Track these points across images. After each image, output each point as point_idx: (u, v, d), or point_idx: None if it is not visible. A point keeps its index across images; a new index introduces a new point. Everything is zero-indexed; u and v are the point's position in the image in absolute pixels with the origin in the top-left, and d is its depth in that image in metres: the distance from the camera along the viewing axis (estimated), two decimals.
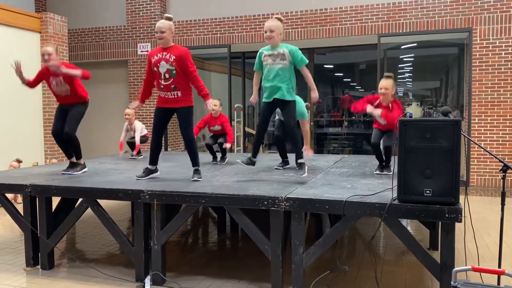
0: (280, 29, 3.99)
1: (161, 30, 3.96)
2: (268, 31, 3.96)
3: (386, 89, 4.24)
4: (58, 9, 11.24)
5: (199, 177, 4.07)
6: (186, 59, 3.97)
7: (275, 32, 3.95)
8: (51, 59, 4.38)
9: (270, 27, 3.95)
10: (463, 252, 4.19)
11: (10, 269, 4.14)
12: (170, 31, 4.00)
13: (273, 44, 4.02)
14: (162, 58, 3.96)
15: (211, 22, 10.09)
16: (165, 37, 3.96)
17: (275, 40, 3.99)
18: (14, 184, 4.08)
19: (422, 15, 8.61)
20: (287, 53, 3.98)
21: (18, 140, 8.10)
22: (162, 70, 3.96)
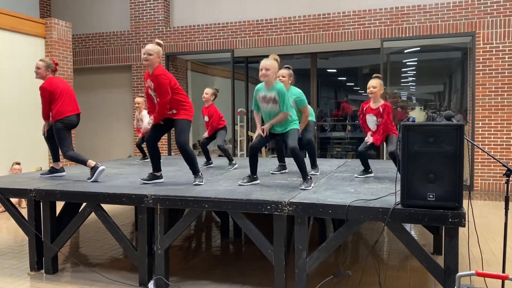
0: (276, 68, 4.00)
1: (149, 52, 3.95)
2: (264, 69, 3.96)
3: (374, 87, 4.34)
4: (63, 14, 11.33)
5: (200, 181, 4.08)
6: (158, 81, 3.95)
7: (270, 71, 3.95)
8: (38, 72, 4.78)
9: (265, 65, 3.96)
10: (467, 257, 4.17)
11: (15, 273, 4.15)
12: (157, 55, 4.00)
13: (268, 83, 4.00)
14: (148, 85, 4.06)
15: (214, 27, 10.13)
16: (150, 59, 3.96)
17: (270, 79, 3.97)
18: (18, 189, 4.11)
19: (425, 20, 8.62)
20: (277, 97, 3.96)
21: (22, 145, 8.13)
22: (153, 94, 4.07)
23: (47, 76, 4.70)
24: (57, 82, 4.66)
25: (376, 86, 4.35)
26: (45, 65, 4.67)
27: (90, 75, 11.47)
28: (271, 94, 3.98)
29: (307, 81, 10.69)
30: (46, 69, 4.68)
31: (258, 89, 4.10)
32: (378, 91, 4.36)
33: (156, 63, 4.01)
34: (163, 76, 3.97)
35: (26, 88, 8.37)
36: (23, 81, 8.30)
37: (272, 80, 3.99)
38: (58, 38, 8.86)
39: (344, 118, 12.40)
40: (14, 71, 8.12)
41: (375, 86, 4.35)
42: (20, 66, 8.24)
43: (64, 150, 4.60)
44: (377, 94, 4.37)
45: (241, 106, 10.59)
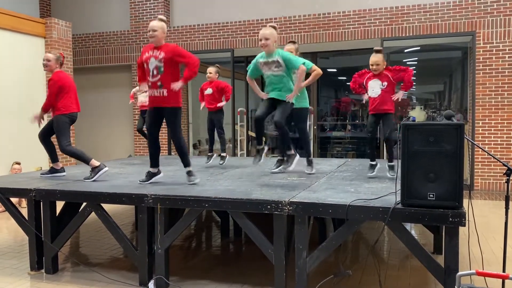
0: (275, 36, 4.07)
1: (153, 28, 4.01)
2: (263, 39, 4.04)
3: (378, 65, 4.31)
4: (63, 14, 11.32)
5: (195, 179, 4.09)
6: (178, 54, 4.02)
7: (270, 40, 4.03)
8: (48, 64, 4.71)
9: (265, 35, 4.04)
10: (467, 256, 4.16)
11: (15, 273, 4.15)
12: (162, 30, 4.05)
13: (268, 52, 4.10)
14: (152, 55, 4.03)
15: (215, 26, 10.13)
16: (156, 35, 4.01)
17: (270, 47, 4.07)
18: (18, 189, 4.11)
19: (425, 19, 8.62)
20: (281, 60, 4.06)
21: (22, 145, 8.13)
22: (151, 66, 4.04)
23: (56, 69, 4.69)
24: (66, 76, 4.74)
25: (379, 62, 4.29)
26: (55, 58, 4.71)
27: (90, 75, 11.47)
28: (274, 58, 4.08)
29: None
30: (56, 62, 4.71)
31: (259, 57, 4.18)
32: (381, 67, 4.31)
33: (163, 38, 4.06)
34: (176, 45, 4.12)
35: (26, 87, 8.37)
36: (23, 81, 8.31)
37: (272, 48, 4.07)
38: (58, 38, 8.86)
39: (344, 117, 12.39)
40: (14, 70, 8.12)
41: (379, 62, 4.29)
42: (20, 65, 8.24)
43: (64, 144, 4.61)
44: (381, 69, 4.32)
45: (241, 105, 10.59)
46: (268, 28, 4.10)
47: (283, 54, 4.09)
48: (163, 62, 3.99)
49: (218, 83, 5.69)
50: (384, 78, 4.34)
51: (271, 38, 4.03)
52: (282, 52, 4.11)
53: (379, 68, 4.31)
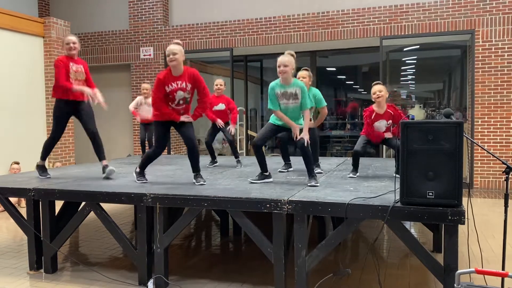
0: (293, 64, 3.96)
1: (173, 52, 3.93)
2: (282, 65, 3.91)
3: (380, 92, 4.34)
4: (61, 13, 11.31)
5: (203, 182, 4.07)
6: (199, 81, 4.07)
7: (288, 67, 3.91)
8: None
9: (284, 62, 3.91)
10: (467, 255, 4.17)
11: (14, 272, 4.15)
12: (181, 53, 3.99)
13: (286, 79, 3.96)
14: (179, 87, 4.00)
15: (213, 25, 10.12)
16: (177, 59, 3.93)
17: (288, 75, 3.94)
18: (17, 188, 4.10)
19: (424, 17, 8.61)
20: (299, 93, 3.96)
21: (22, 144, 8.13)
22: (178, 97, 4.04)
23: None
24: None
25: (382, 90, 4.35)
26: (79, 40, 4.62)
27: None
28: (292, 89, 3.97)
29: None
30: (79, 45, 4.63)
31: (274, 86, 4.03)
32: (384, 95, 4.37)
33: (182, 62, 4.01)
34: (197, 71, 4.08)
35: (25, 87, 8.37)
36: (21, 80, 8.30)
37: (290, 77, 3.97)
38: (56, 37, 8.85)
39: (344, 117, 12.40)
40: (13, 70, 8.11)
41: (381, 90, 4.35)
42: (19, 65, 8.23)
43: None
44: (384, 98, 4.37)
45: (241, 105, 10.58)
46: (287, 55, 3.97)
47: (301, 87, 3.97)
48: (190, 93, 4.06)
49: (229, 100, 5.70)
50: (388, 116, 4.40)
51: (289, 65, 3.91)
52: (299, 83, 3.99)
53: (382, 95, 4.34)
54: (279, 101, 4.01)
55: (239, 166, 5.48)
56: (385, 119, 4.39)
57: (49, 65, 8.76)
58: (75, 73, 4.48)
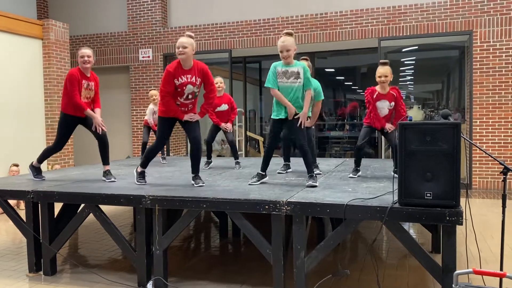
0: (294, 45, 3.90)
1: (183, 45, 3.89)
2: (285, 50, 3.84)
3: (386, 76, 4.30)
4: (60, 15, 11.31)
5: (202, 183, 4.07)
6: (208, 76, 4.07)
7: (291, 51, 3.86)
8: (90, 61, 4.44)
9: (286, 46, 3.83)
10: (465, 255, 4.18)
11: (13, 275, 4.15)
12: (192, 47, 3.95)
13: (289, 61, 3.92)
14: (189, 81, 3.97)
15: (212, 27, 10.13)
16: (186, 52, 3.89)
17: (291, 58, 3.90)
18: (16, 191, 4.10)
19: (422, 18, 8.63)
20: (301, 72, 3.90)
21: (21, 147, 8.13)
22: (187, 91, 4.01)
23: None
24: None
25: (388, 74, 4.29)
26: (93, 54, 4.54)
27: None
28: (294, 69, 3.91)
29: None
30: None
31: (276, 64, 3.97)
32: (389, 79, 4.32)
33: (192, 55, 3.98)
34: (206, 66, 4.07)
35: (24, 89, 8.37)
36: (21, 83, 8.30)
37: (292, 59, 3.92)
38: (55, 39, 8.86)
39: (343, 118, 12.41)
40: (12, 72, 8.11)
41: (387, 74, 4.29)
42: (17, 67, 8.23)
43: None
44: (388, 81, 4.33)
45: (240, 106, 10.58)
46: (286, 37, 3.88)
47: (304, 67, 3.92)
48: (199, 88, 4.04)
49: (231, 99, 5.69)
50: (391, 97, 4.38)
51: (291, 48, 3.86)
52: (301, 63, 3.95)
53: (387, 80, 4.30)
54: (278, 79, 3.94)
55: (238, 167, 5.48)
56: (388, 100, 4.36)
57: (48, 67, 8.76)
58: (85, 91, 4.44)
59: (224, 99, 5.63)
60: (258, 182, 4.07)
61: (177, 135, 10.89)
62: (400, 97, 4.39)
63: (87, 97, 4.49)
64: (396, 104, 4.40)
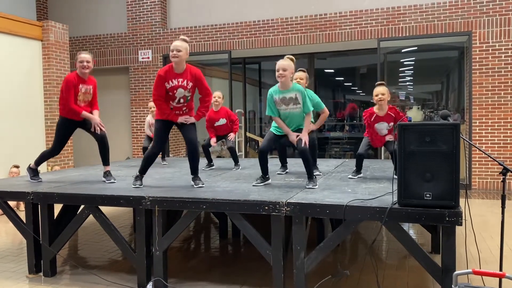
0: (292, 69, 3.91)
1: (178, 48, 3.91)
2: (281, 69, 3.86)
3: (383, 95, 4.32)
4: (60, 17, 11.32)
5: (202, 184, 4.08)
6: (201, 80, 4.06)
7: (287, 71, 3.86)
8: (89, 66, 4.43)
9: (283, 66, 3.85)
10: (465, 256, 4.18)
11: (13, 276, 4.15)
12: (186, 51, 3.98)
13: (284, 84, 3.92)
14: (180, 85, 3.98)
15: (212, 28, 10.14)
16: (180, 56, 3.92)
17: (287, 79, 3.90)
18: (16, 192, 4.10)
19: (422, 19, 8.64)
20: (299, 97, 3.92)
21: (20, 147, 8.13)
22: (179, 95, 4.02)
23: None
24: None
25: (385, 93, 4.32)
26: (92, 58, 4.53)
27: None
28: (291, 94, 3.92)
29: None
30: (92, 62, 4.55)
31: (273, 92, 3.98)
32: (387, 98, 4.34)
33: (185, 59, 4.00)
34: (200, 71, 4.06)
35: (24, 90, 8.37)
36: (20, 84, 8.30)
37: (289, 81, 3.92)
38: (55, 41, 8.86)
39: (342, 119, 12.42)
40: (12, 74, 8.12)
41: (384, 93, 4.32)
42: (17, 68, 8.23)
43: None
44: (386, 100, 4.35)
45: (239, 107, 10.60)
46: (286, 59, 3.92)
47: (300, 91, 3.92)
48: (191, 92, 4.03)
49: (229, 113, 5.67)
50: (389, 118, 4.39)
51: (288, 70, 3.86)
52: (298, 87, 3.94)
53: (384, 98, 4.32)
54: (278, 107, 3.98)
55: (236, 168, 5.49)
56: (386, 121, 4.38)
57: (47, 68, 8.77)
58: (83, 95, 4.44)
59: (221, 113, 5.61)
60: (261, 184, 4.08)
61: (177, 136, 10.90)
62: (400, 116, 4.38)
63: (85, 101, 4.50)
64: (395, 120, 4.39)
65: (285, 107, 3.96)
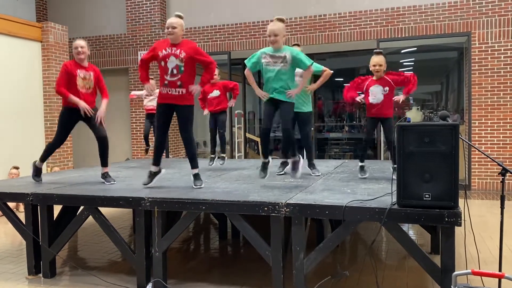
0: (284, 31, 3.94)
1: (173, 25, 3.94)
2: (272, 35, 3.87)
3: (380, 66, 4.27)
4: (59, 18, 11.32)
5: (201, 184, 4.07)
6: (199, 53, 4.01)
7: (279, 36, 3.88)
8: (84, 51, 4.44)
9: (273, 31, 3.87)
10: (464, 256, 4.18)
11: (12, 277, 4.15)
12: (181, 27, 3.99)
13: (277, 47, 3.94)
14: (172, 53, 3.93)
15: (211, 29, 10.14)
16: (175, 32, 3.94)
17: (280, 43, 3.92)
18: (15, 193, 4.11)
19: (421, 20, 8.65)
20: (289, 56, 3.90)
21: (20, 149, 8.13)
22: (171, 65, 3.95)
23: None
24: None
25: (382, 63, 4.26)
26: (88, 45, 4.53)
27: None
28: (281, 53, 3.92)
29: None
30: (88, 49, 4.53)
31: (266, 50, 4.00)
32: (383, 68, 4.28)
33: (181, 35, 4.01)
34: (196, 44, 4.04)
35: (23, 92, 8.37)
36: (20, 85, 8.30)
37: (281, 44, 3.94)
38: (54, 42, 8.86)
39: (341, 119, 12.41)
40: (11, 75, 8.12)
41: (381, 63, 4.25)
42: (17, 70, 8.24)
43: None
44: (382, 71, 4.29)
45: (239, 108, 10.59)
46: (276, 23, 3.91)
47: (292, 51, 3.92)
48: (184, 62, 3.93)
49: (225, 83, 5.70)
50: (385, 83, 4.31)
51: (280, 33, 3.87)
52: (291, 49, 3.95)
53: (381, 69, 4.26)
54: (263, 65, 3.98)
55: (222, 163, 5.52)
56: (382, 85, 4.30)
57: (47, 69, 8.77)
58: (82, 81, 4.40)
59: (216, 85, 5.64)
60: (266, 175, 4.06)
61: (177, 137, 10.89)
62: (397, 74, 4.28)
63: (87, 88, 4.49)
64: (397, 81, 4.29)
65: (272, 65, 3.94)
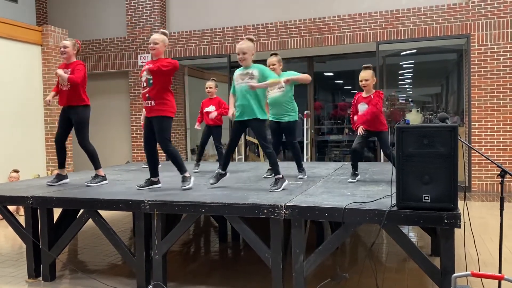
0: (252, 50, 4.09)
1: (155, 41, 4.08)
2: (241, 53, 4.05)
3: (366, 80, 4.37)
4: (59, 21, 11.35)
5: (188, 184, 4.10)
6: (163, 63, 4.00)
7: (247, 54, 4.05)
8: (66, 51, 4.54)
9: (242, 49, 4.05)
10: (464, 258, 4.18)
11: (12, 281, 4.15)
12: (163, 44, 4.11)
13: (246, 65, 4.10)
14: (145, 68, 4.05)
15: (211, 32, 10.16)
16: (157, 48, 4.08)
17: (248, 61, 4.08)
18: (15, 196, 4.11)
19: (420, 22, 8.67)
20: (256, 73, 4.03)
21: (20, 152, 8.13)
22: (143, 79, 4.15)
23: (73, 57, 4.59)
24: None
25: (368, 78, 4.36)
26: (72, 44, 4.58)
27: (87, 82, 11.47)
28: (249, 70, 4.07)
29: (304, 85, 10.69)
30: (73, 47, 4.59)
31: (237, 70, 4.20)
32: (371, 83, 4.38)
33: (162, 52, 4.13)
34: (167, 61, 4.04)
35: (23, 95, 8.38)
36: (20, 89, 8.31)
37: (249, 62, 4.09)
38: (54, 45, 8.88)
39: (341, 121, 12.41)
40: (11, 79, 8.13)
41: (367, 78, 4.36)
42: (17, 73, 8.25)
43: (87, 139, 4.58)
44: (370, 85, 4.39)
45: None
46: (245, 41, 4.10)
47: (259, 68, 4.06)
48: (151, 75, 4.05)
49: (221, 102, 5.79)
50: (368, 100, 4.39)
51: (248, 52, 4.05)
52: (259, 66, 4.09)
53: (368, 83, 4.36)
54: (236, 84, 4.15)
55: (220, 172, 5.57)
56: (367, 103, 4.39)
57: (47, 73, 8.78)
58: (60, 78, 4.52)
59: (214, 101, 5.77)
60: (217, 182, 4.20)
61: (177, 139, 10.90)
62: (378, 98, 4.33)
63: (62, 85, 4.55)
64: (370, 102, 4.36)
65: (240, 82, 4.09)
